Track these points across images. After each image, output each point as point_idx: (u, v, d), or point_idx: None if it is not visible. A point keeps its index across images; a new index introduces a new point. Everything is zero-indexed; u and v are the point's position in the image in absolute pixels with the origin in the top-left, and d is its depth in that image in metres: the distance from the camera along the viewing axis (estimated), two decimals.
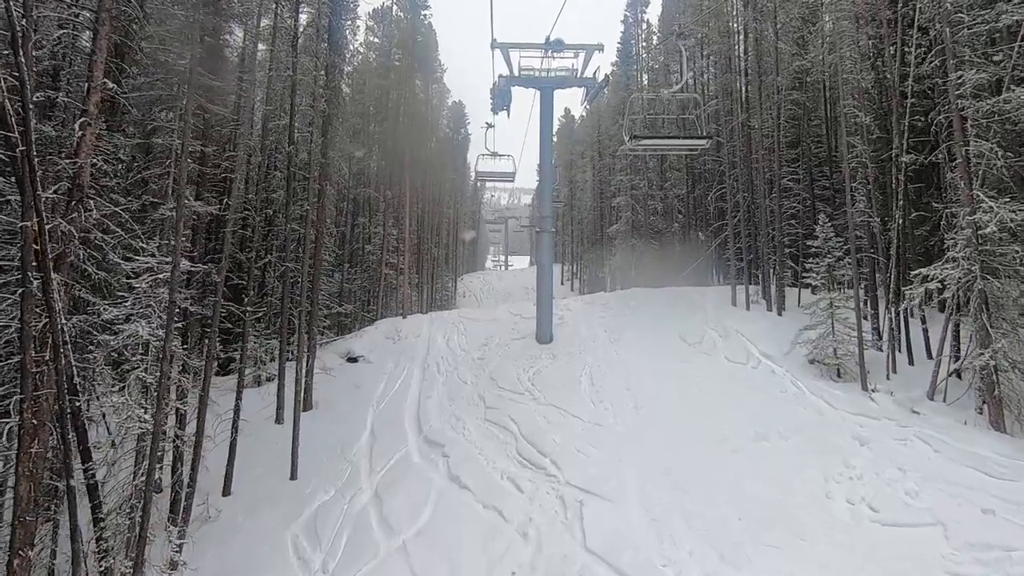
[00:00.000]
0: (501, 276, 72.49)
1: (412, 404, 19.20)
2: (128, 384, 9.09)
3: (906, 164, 17.07)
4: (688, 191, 34.40)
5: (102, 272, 9.60)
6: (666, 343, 21.19)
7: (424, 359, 22.94)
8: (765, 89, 24.74)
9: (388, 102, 31.80)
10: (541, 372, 19.95)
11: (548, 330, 23.12)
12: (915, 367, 16.52)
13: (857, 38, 17.35)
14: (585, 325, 24.89)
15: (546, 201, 23.67)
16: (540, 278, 23.56)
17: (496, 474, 13.33)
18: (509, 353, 22.29)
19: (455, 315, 28.21)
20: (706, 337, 21.09)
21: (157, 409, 8.80)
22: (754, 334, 20.59)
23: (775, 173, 23.65)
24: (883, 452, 11.71)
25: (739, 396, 15.98)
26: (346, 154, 32.88)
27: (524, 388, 18.75)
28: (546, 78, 22.93)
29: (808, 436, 12.97)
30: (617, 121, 41.74)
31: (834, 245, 17.78)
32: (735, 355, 19.31)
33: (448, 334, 25.41)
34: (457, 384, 20.20)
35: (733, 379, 17.44)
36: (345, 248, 34.62)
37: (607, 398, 17.17)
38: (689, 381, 17.56)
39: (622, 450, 13.42)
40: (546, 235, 23.48)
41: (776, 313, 22.77)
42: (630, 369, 19.16)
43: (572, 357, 21.04)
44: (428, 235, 43.04)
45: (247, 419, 18.70)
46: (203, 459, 14.67)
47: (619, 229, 37.43)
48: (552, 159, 24.44)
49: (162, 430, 9.60)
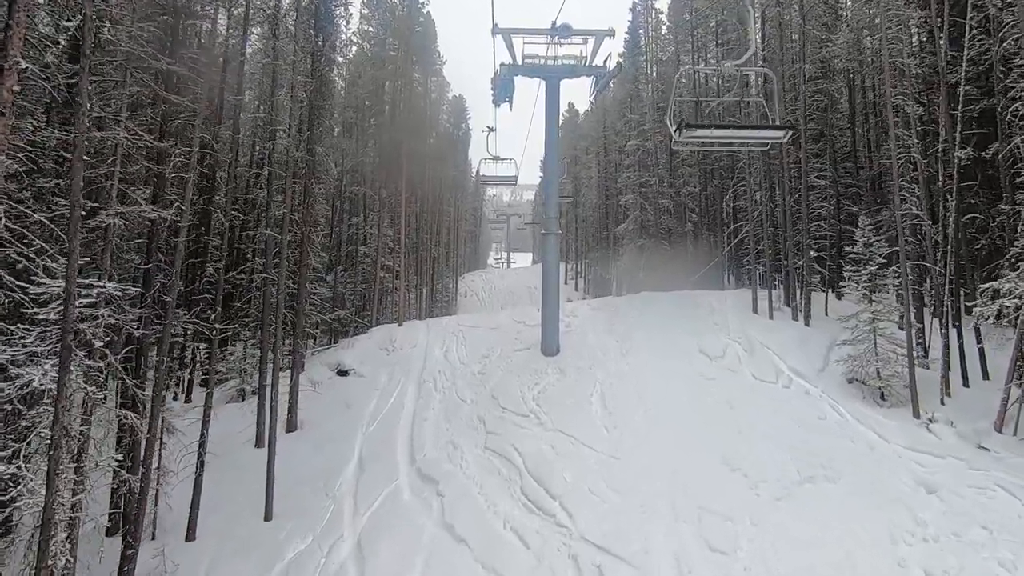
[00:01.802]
0: (503, 275, 70.64)
1: (405, 426, 17.40)
2: (21, 448, 7.21)
3: (959, 160, 15.15)
4: (701, 189, 32.43)
5: (14, 294, 7.77)
6: (684, 356, 19.32)
7: (420, 373, 21.11)
8: (789, 78, 22.76)
9: (384, 95, 29.87)
10: (547, 390, 18.11)
11: (554, 341, 21.26)
12: (971, 390, 14.65)
13: (905, 17, 15.38)
14: (593, 333, 23.04)
15: (552, 200, 21.77)
16: (546, 284, 21.70)
17: (498, 521, 11.51)
18: (512, 366, 20.45)
19: (454, 322, 26.36)
20: (729, 350, 19.20)
21: (49, 479, 6.89)
22: (781, 347, 18.70)
23: (801, 169, 21.70)
24: (958, 504, 9.84)
25: (772, 422, 14.12)
26: (338, 150, 31.06)
27: (529, 409, 16.91)
28: (552, 67, 20.98)
29: (861, 478, 11.12)
30: (624, 115, 39.81)
31: (876, 251, 15.84)
32: (763, 372, 17.43)
33: (446, 344, 23.58)
34: (455, 403, 18.38)
35: (763, 401, 15.56)
36: (341, 249, 32.84)
37: (621, 422, 15.33)
38: (713, 403, 15.71)
39: (644, 493, 11.57)
40: (552, 237, 21.59)
41: (803, 323, 20.87)
42: (645, 386, 17.31)
43: (581, 372, 19.19)
44: (428, 234, 41.15)
45: (223, 443, 17.01)
46: (167, 496, 12.98)
47: (627, 228, 35.43)
48: (558, 154, 22.54)
49: (63, 504, 7.66)
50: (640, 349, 20.51)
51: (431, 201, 43.49)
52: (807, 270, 20.87)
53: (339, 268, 30.65)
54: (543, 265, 22.14)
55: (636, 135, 34.31)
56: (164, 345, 10.61)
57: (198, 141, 10.61)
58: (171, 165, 10.59)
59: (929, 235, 15.64)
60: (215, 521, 12.96)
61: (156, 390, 10.42)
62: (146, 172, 11.88)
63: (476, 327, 25.33)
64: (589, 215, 54.27)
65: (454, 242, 58.29)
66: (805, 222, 21.30)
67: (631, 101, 39.35)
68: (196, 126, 11.03)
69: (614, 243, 43.16)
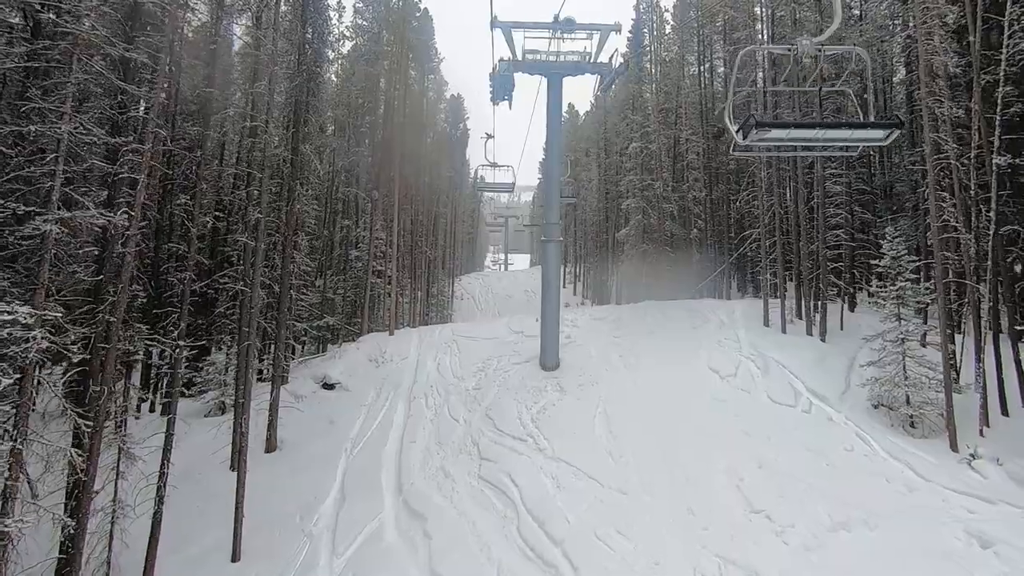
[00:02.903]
0: (501, 277, 69.40)
1: (393, 449, 16.07)
2: None
3: (998, 167, 13.91)
4: (707, 193, 31.17)
5: None
6: (693, 373, 18.05)
7: (410, 388, 19.78)
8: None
9: (379, 92, 28.48)
10: (547, 410, 16.80)
11: (554, 355, 19.96)
12: (1011, 419, 13.40)
13: (942, 12, 14.13)
14: (595, 346, 21.75)
15: (553, 206, 20.46)
16: (545, 294, 20.38)
17: (491, 569, 10.18)
18: (509, 382, 19.14)
19: (448, 331, 25.03)
20: (741, 368, 17.93)
21: None
22: (798, 366, 17.44)
23: (818, 174, 20.46)
24: (1020, 562, 8.56)
25: (795, 454, 12.83)
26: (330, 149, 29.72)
27: (527, 432, 15.60)
28: (555, 63, 19.68)
29: (903, 526, 9.83)
30: (626, 116, 38.54)
31: (906, 264, 14.58)
32: (779, 394, 16.15)
33: (439, 356, 22.27)
34: (447, 423, 17.06)
35: (782, 428, 14.27)
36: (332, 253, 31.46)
37: (628, 450, 14.02)
38: (728, 429, 14.42)
39: (657, 540, 10.26)
40: (553, 245, 20.27)
41: (819, 338, 19.61)
42: (653, 409, 16.02)
43: (583, 390, 17.90)
44: (423, 237, 39.77)
45: (197, 464, 15.65)
46: (124, 532, 11.59)
47: (628, 233, 34.10)
48: (561, 155, 21.23)
49: None
50: (646, 365, 19.24)
51: (428, 203, 42.16)
52: (823, 281, 19.62)
53: (329, 272, 29.29)
54: (543, 274, 20.84)
55: (639, 137, 33.03)
56: (108, 371, 9.24)
57: (151, 137, 9.25)
58: (121, 164, 9.24)
59: (965, 249, 14.37)
60: (175, 563, 11.63)
61: (97, 421, 9.04)
62: (102, 173, 10.54)
63: (472, 337, 24.02)
64: (588, 218, 53.03)
65: (451, 244, 56.96)
66: (821, 231, 20.04)
67: (633, 102, 38.15)
68: (149, 119, 9.66)
69: (614, 247, 41.94)
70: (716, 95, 34.46)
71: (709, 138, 32.33)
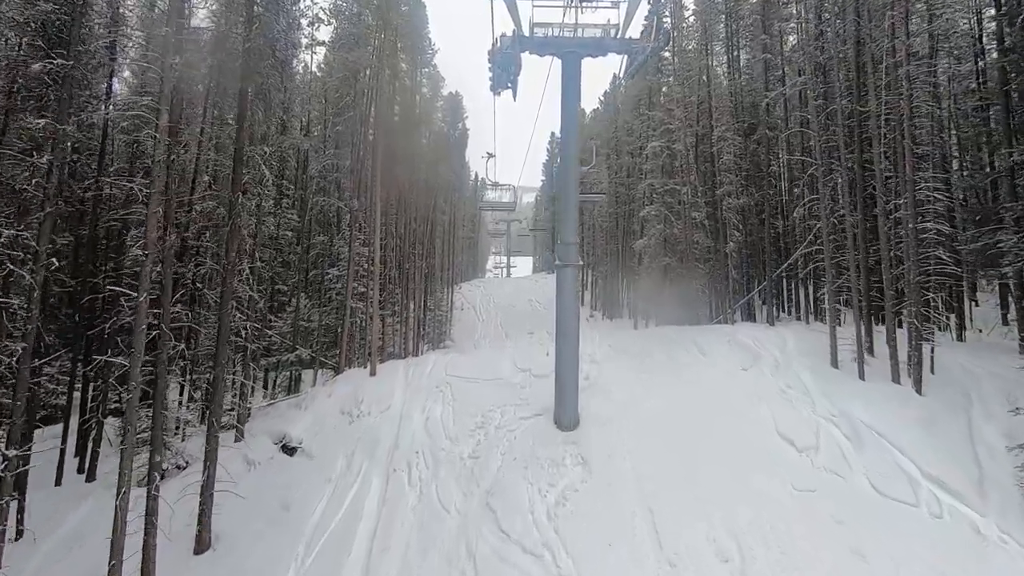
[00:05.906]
0: (502, 283, 65.21)
1: (359, 558, 11.83)
2: None
3: None
4: (746, 200, 26.85)
5: None
6: (759, 443, 13.71)
7: (390, 455, 15.48)
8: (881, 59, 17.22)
9: (357, 83, 24.19)
10: (567, 499, 12.52)
11: (573, 410, 15.64)
12: None
13: None
14: (620, 390, 17.42)
15: (570, 223, 16.11)
16: (561, 329, 16.06)
17: None
18: (516, 449, 14.86)
19: (441, 369, 20.67)
20: (822, 437, 13.60)
21: None
22: (901, 435, 13.10)
23: (903, 180, 16.16)
24: None
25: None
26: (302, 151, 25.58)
27: (542, 540, 11.33)
28: (572, 39, 15.40)
29: None
30: (642, 113, 34.28)
31: None
32: (886, 482, 11.83)
33: (428, 405, 17.93)
34: (435, 514, 12.79)
35: (907, 546, 9.96)
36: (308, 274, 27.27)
37: (690, 569, 9.75)
38: (826, 542, 10.14)
39: None
40: (570, 271, 15.95)
41: (913, 388, 15.26)
42: (713, 501, 11.72)
43: (613, 463, 13.61)
44: (419, 246, 35.33)
45: None
46: None
47: (647, 244, 29.71)
48: (576, 162, 16.84)
49: None
50: (691, 425, 14.90)
51: (424, 208, 37.83)
52: (919, 317, 15.30)
53: (303, 296, 25.10)
54: (558, 304, 16.51)
55: (659, 135, 28.80)
56: None
57: None
58: None
59: None
60: None
61: None
62: None
63: (470, 378, 19.62)
64: (598, 223, 48.65)
65: (449, 252, 52.60)
66: (913, 250, 15.70)
67: (650, 96, 33.90)
68: None
69: (626, 256, 37.65)
70: (743, 88, 30.20)
71: (740, 135, 28.07)
